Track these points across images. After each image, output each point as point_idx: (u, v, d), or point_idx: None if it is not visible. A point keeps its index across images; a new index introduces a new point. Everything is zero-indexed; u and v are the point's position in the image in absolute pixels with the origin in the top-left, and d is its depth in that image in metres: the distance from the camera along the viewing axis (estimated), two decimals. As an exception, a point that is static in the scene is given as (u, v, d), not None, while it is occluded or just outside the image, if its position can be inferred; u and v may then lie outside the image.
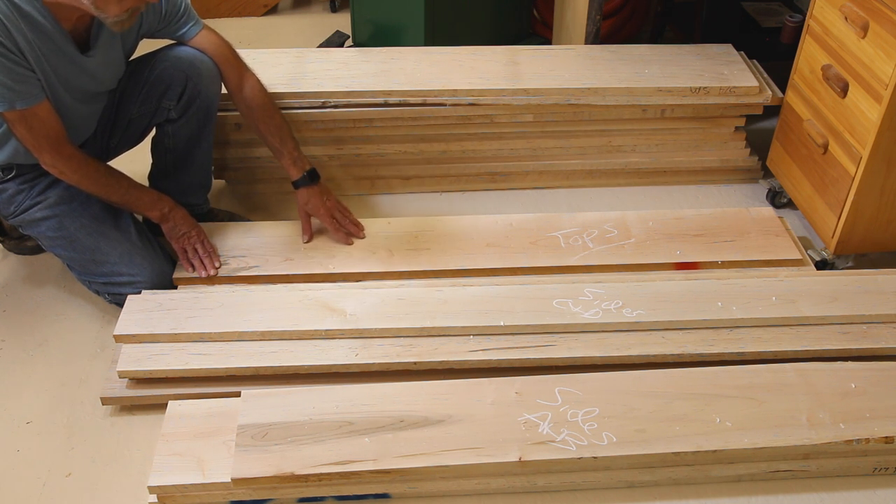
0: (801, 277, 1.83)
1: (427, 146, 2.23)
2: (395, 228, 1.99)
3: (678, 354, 1.66)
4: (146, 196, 1.82)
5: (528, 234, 1.97)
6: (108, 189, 1.76)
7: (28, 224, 1.80)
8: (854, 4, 1.79)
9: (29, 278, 2.02)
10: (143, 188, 1.84)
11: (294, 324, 1.68)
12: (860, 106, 1.79)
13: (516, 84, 2.15)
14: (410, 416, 1.49)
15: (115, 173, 1.79)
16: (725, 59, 2.28)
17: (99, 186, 1.75)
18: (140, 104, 1.89)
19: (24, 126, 1.62)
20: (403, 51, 2.30)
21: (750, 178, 2.35)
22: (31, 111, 1.60)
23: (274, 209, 2.23)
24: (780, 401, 1.52)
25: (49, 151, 1.66)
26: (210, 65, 1.88)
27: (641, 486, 1.51)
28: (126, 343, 1.67)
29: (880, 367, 1.60)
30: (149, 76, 1.86)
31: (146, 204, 1.82)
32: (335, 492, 1.47)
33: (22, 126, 1.62)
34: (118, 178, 1.78)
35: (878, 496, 1.51)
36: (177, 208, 1.86)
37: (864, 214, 1.89)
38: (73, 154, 1.70)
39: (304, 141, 2.19)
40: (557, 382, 1.55)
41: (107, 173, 1.77)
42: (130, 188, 1.80)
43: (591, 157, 2.28)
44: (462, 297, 1.75)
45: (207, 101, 1.91)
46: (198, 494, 1.44)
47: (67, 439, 1.63)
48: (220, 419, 1.52)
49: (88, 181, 1.74)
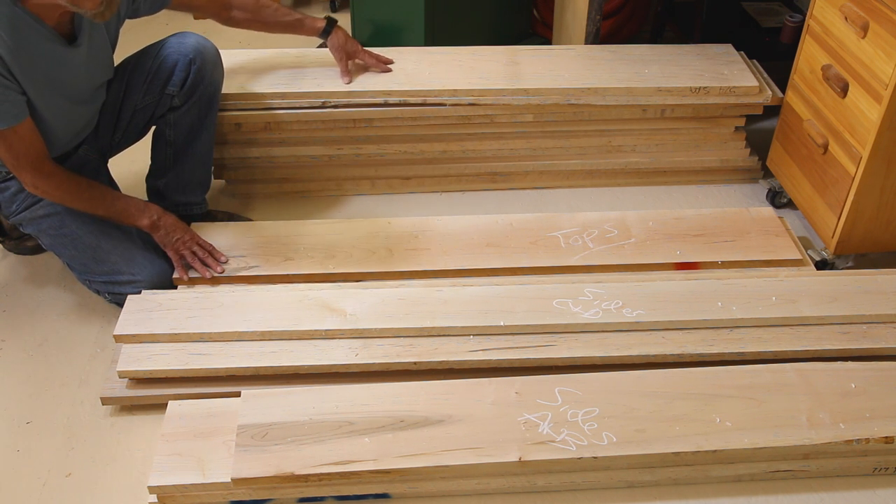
0: (801, 277, 1.83)
1: (427, 146, 2.23)
2: (395, 228, 1.99)
3: (678, 354, 1.66)
4: (133, 206, 1.79)
5: (528, 234, 1.97)
6: (93, 203, 1.75)
7: (29, 222, 1.80)
8: (854, 4, 1.79)
9: (29, 278, 2.02)
10: (130, 198, 1.81)
11: (294, 324, 1.68)
12: (860, 106, 1.79)
13: (516, 84, 2.15)
14: (410, 416, 1.49)
15: (98, 187, 1.77)
16: (725, 59, 2.28)
17: (83, 202, 1.74)
18: (144, 94, 1.89)
19: (4, 145, 1.61)
20: (403, 51, 2.30)
21: (750, 178, 2.35)
22: (11, 130, 1.60)
23: (274, 209, 2.23)
24: (780, 401, 1.52)
25: (30, 170, 1.66)
26: (213, 50, 1.91)
27: (641, 486, 1.51)
28: (126, 343, 1.67)
29: (880, 367, 1.60)
30: (153, 65, 1.88)
31: (134, 214, 1.78)
32: (335, 492, 1.47)
33: (1, 145, 1.61)
34: (103, 191, 1.77)
35: (878, 496, 1.51)
36: (166, 214, 1.82)
37: (864, 214, 1.89)
38: (53, 171, 1.69)
39: (304, 141, 2.20)
40: (557, 382, 1.55)
41: (90, 187, 1.75)
42: (116, 199, 1.78)
43: (591, 157, 2.28)
44: (462, 297, 1.75)
45: (211, 88, 1.92)
46: (198, 494, 1.44)
47: (67, 439, 1.63)
48: (220, 419, 1.52)
49: (72, 197, 1.72)
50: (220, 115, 2.07)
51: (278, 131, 2.17)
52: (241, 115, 2.12)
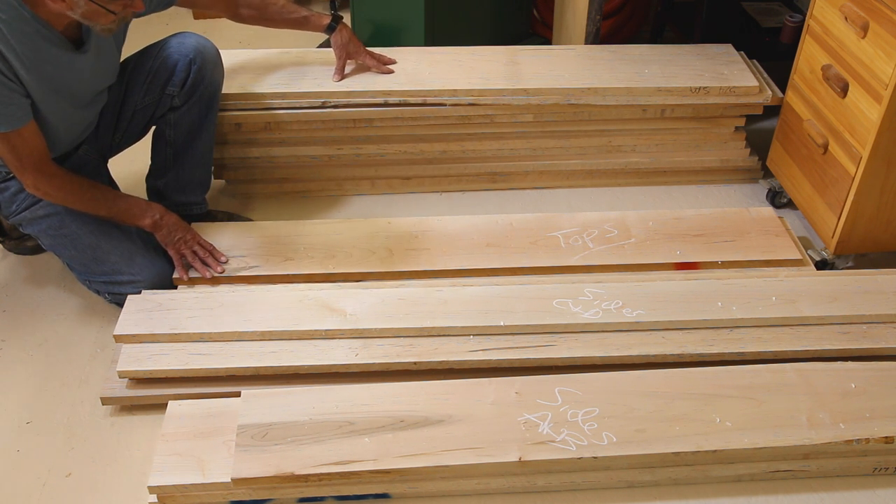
0: (801, 277, 1.83)
1: (427, 146, 2.23)
2: (395, 228, 1.99)
3: (678, 354, 1.66)
4: (135, 205, 1.79)
5: (528, 234, 1.97)
6: (94, 203, 1.75)
7: (29, 222, 1.80)
8: (854, 4, 1.79)
9: (29, 278, 2.02)
10: (131, 198, 1.81)
11: (294, 324, 1.68)
12: (860, 106, 1.79)
13: (516, 84, 2.15)
14: (410, 416, 1.49)
15: (100, 187, 1.78)
16: (725, 59, 2.28)
17: (85, 202, 1.74)
18: (144, 94, 1.90)
19: (7, 147, 1.62)
20: (403, 51, 2.30)
21: (750, 178, 2.35)
22: (15, 133, 1.60)
23: (274, 209, 2.23)
24: (780, 401, 1.52)
25: (32, 172, 1.66)
26: (214, 50, 1.92)
27: (641, 486, 1.51)
28: (126, 343, 1.67)
29: (880, 367, 1.60)
30: (153, 65, 1.88)
31: (136, 213, 1.79)
32: (335, 492, 1.47)
33: (4, 147, 1.62)
34: (104, 191, 1.78)
35: (878, 496, 1.51)
36: (168, 214, 1.82)
37: (864, 214, 1.89)
38: (55, 173, 1.70)
39: (304, 141, 2.20)
40: (557, 382, 1.55)
41: (91, 187, 1.75)
42: (118, 199, 1.79)
43: (591, 157, 2.28)
44: (462, 297, 1.75)
45: (211, 88, 1.93)
46: (198, 494, 1.44)
47: (67, 439, 1.63)
48: (220, 419, 1.52)
49: (74, 198, 1.73)
50: (221, 115, 2.07)
51: (278, 131, 2.17)
52: (241, 115, 2.12)
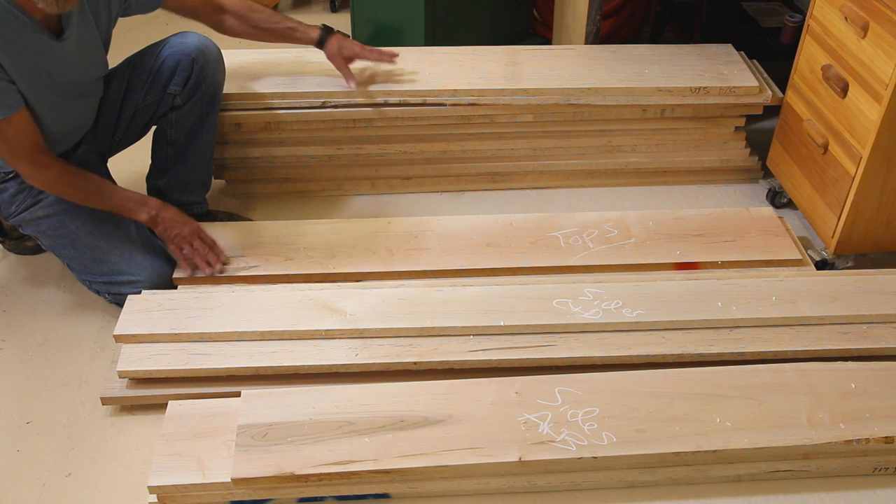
0: (801, 277, 1.83)
1: (427, 146, 2.23)
2: (395, 228, 1.99)
3: (678, 354, 1.66)
4: (132, 199, 1.78)
5: (528, 234, 1.97)
6: (91, 196, 1.75)
7: (29, 223, 1.80)
8: (854, 4, 1.79)
9: (29, 278, 2.02)
10: (129, 192, 1.80)
11: (294, 324, 1.68)
12: (860, 106, 1.79)
13: (516, 84, 2.15)
14: (410, 416, 1.49)
15: (97, 179, 1.77)
16: (725, 59, 2.28)
17: (82, 194, 1.74)
18: (146, 93, 1.89)
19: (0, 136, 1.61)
20: (403, 51, 2.29)
21: (750, 178, 2.35)
22: (6, 121, 1.60)
23: (274, 209, 2.23)
24: (780, 401, 1.52)
25: (26, 161, 1.66)
26: (216, 50, 1.91)
27: (641, 486, 1.51)
28: (126, 343, 1.67)
29: (880, 367, 1.60)
30: (154, 64, 1.88)
31: (133, 207, 1.78)
32: (335, 492, 1.47)
33: None
34: (101, 184, 1.77)
35: (878, 496, 1.51)
36: (166, 207, 1.81)
37: (864, 214, 1.88)
38: (50, 163, 1.69)
39: (304, 141, 2.20)
40: (557, 382, 1.55)
41: (88, 179, 1.75)
42: (115, 192, 1.78)
43: (591, 157, 2.28)
44: (462, 297, 1.75)
45: (213, 87, 1.93)
46: (198, 494, 1.44)
47: (67, 439, 1.63)
48: (220, 419, 1.52)
49: (70, 189, 1.72)
50: (221, 114, 2.07)
51: (278, 131, 2.17)
52: (242, 115, 2.12)
